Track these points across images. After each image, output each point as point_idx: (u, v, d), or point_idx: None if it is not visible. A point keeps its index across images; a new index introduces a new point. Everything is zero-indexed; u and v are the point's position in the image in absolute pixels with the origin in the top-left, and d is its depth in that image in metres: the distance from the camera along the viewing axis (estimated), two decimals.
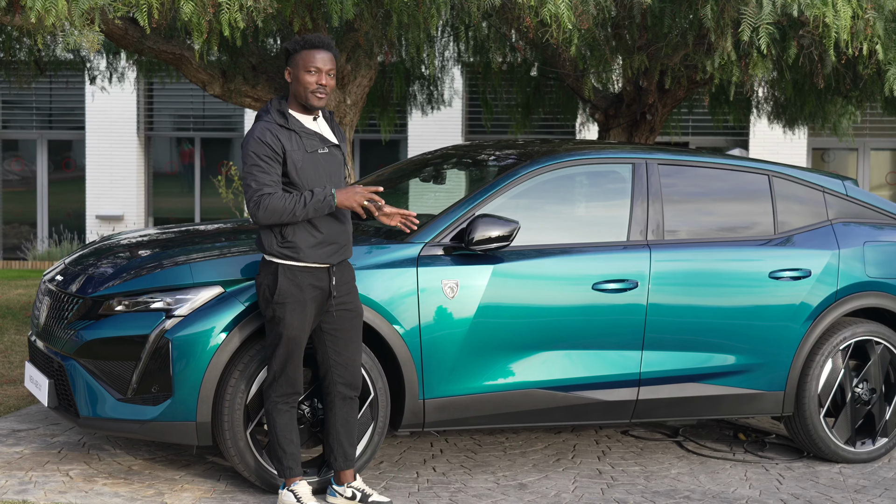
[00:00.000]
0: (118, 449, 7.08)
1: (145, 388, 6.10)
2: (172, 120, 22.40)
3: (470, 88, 20.93)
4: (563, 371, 6.74)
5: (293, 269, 5.86)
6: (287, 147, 5.83)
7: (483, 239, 6.41)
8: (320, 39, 5.91)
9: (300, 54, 5.90)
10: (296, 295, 5.86)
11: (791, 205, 7.46)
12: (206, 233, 7.37)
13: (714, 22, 8.90)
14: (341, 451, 6.15)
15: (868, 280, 7.41)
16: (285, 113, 5.93)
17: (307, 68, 5.88)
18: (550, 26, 7.23)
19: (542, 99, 15.57)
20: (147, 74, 14.94)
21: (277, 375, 5.95)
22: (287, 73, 5.94)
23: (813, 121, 14.90)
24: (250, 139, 5.84)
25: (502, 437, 7.80)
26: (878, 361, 7.44)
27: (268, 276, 5.90)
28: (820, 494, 6.74)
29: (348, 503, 6.16)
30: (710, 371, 7.05)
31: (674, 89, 12.09)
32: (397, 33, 10.23)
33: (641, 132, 13.41)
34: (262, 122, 5.90)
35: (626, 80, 12.65)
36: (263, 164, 5.78)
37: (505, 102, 16.21)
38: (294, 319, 5.87)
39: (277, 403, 5.97)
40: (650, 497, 6.57)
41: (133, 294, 6.20)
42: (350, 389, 6.11)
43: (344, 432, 6.14)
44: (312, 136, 5.95)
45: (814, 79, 10.27)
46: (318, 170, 5.92)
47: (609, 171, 7.16)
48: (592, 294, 6.76)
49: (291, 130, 5.89)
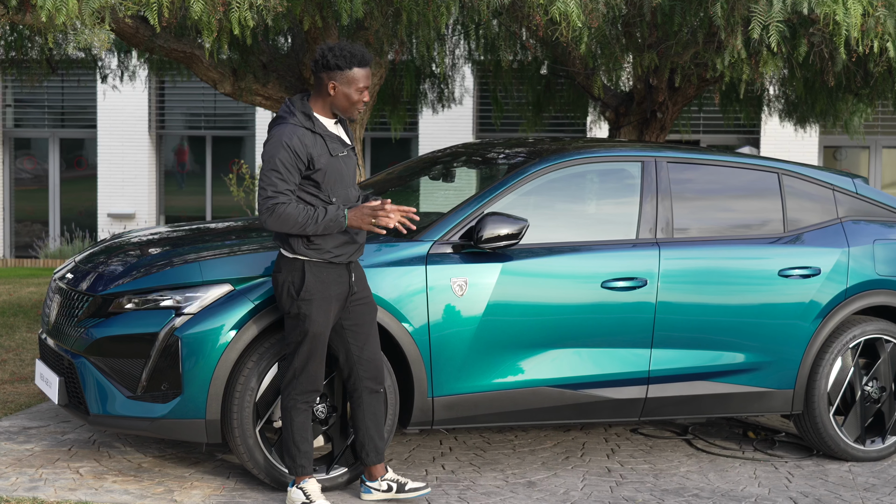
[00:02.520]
0: (128, 446, 7.10)
1: (155, 386, 6.12)
2: (184, 118, 22.43)
3: (481, 87, 20.93)
4: (572, 369, 6.74)
5: (319, 266, 5.89)
6: (313, 153, 5.82)
7: (492, 237, 6.42)
8: (367, 56, 5.90)
9: (352, 72, 5.87)
10: (322, 291, 5.89)
11: (801, 203, 7.45)
12: (216, 231, 7.38)
13: (724, 20, 8.89)
14: (372, 445, 6.20)
15: (878, 278, 7.40)
16: (310, 115, 5.92)
17: (357, 87, 5.91)
18: (560, 24, 7.22)
19: (553, 97, 15.57)
20: (158, 73, 14.98)
21: (298, 373, 5.96)
22: (331, 86, 5.88)
23: (824, 119, 14.88)
24: (276, 142, 5.79)
25: (511, 435, 7.80)
26: (888, 360, 7.43)
27: (292, 273, 5.90)
28: (829, 493, 6.73)
29: (386, 496, 6.21)
30: (719, 369, 7.04)
31: (684, 87, 12.08)
32: (407, 31, 10.24)
33: (652, 130, 13.41)
34: (288, 126, 5.84)
35: (637, 78, 12.66)
36: (283, 171, 5.76)
37: (515, 101, 16.23)
38: (319, 315, 5.90)
39: (297, 402, 5.98)
40: (659, 495, 6.58)
41: (143, 292, 6.22)
42: (376, 383, 6.14)
43: (373, 426, 6.19)
44: (335, 139, 5.97)
45: (824, 76, 10.27)
46: (342, 173, 5.94)
47: (618, 170, 7.16)
48: (601, 292, 6.77)
49: (317, 134, 5.89)
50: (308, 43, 10.81)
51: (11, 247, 22.30)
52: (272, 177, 5.76)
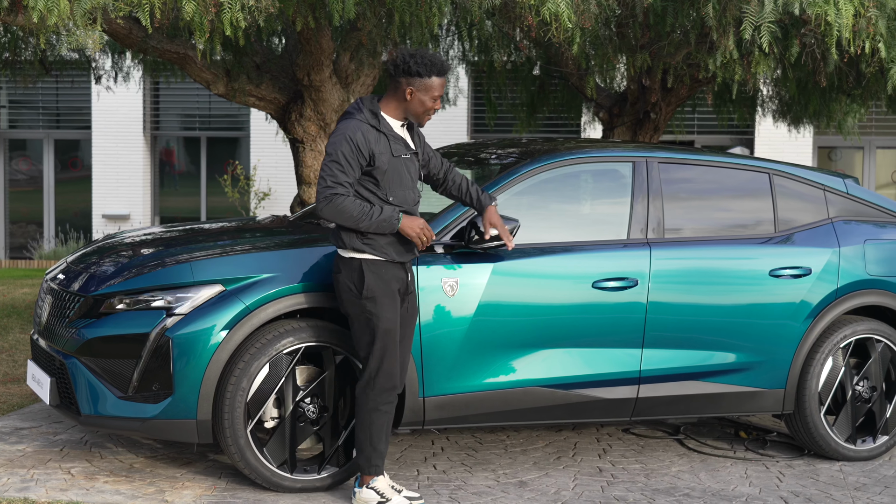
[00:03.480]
0: (120, 447, 7.10)
1: (146, 386, 6.13)
2: (179, 119, 22.43)
3: (475, 87, 20.94)
4: (564, 369, 6.75)
5: (377, 264, 5.96)
6: (375, 150, 5.91)
7: (482, 238, 6.43)
8: (446, 66, 6.01)
9: (431, 80, 5.97)
10: (383, 288, 5.96)
11: (792, 203, 7.47)
12: (209, 231, 7.40)
13: (716, 20, 8.91)
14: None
15: (869, 278, 7.42)
16: (378, 114, 6.01)
17: (433, 95, 6.00)
18: (551, 25, 7.23)
19: (547, 98, 15.59)
20: (153, 74, 14.99)
21: (374, 373, 5.99)
22: (409, 91, 5.96)
23: (818, 119, 14.89)
24: (340, 135, 5.91)
25: (503, 435, 7.81)
26: (879, 359, 7.44)
27: (352, 273, 5.97)
28: (820, 492, 6.75)
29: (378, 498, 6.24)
30: (710, 369, 7.06)
31: (677, 88, 12.09)
32: (400, 32, 10.25)
33: (645, 131, 13.42)
34: (354, 121, 5.96)
35: (630, 79, 12.67)
36: (344, 164, 5.86)
37: (509, 101, 16.24)
38: (386, 311, 5.96)
39: (379, 404, 6.03)
40: (650, 495, 6.59)
41: (134, 292, 6.23)
42: (401, 385, 6.18)
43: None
44: (399, 140, 6.05)
45: (816, 77, 10.27)
46: (402, 173, 6.02)
47: (610, 170, 7.17)
48: (592, 292, 6.78)
49: (381, 133, 5.97)
50: (301, 44, 10.82)
51: (6, 248, 22.29)
52: (333, 168, 5.87)
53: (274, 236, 6.97)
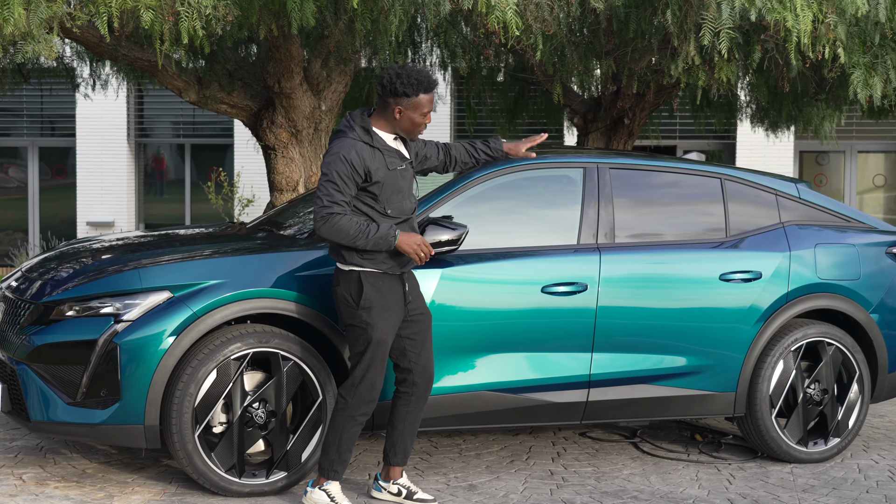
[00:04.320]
0: (75, 453, 7.16)
1: (94, 392, 6.19)
2: (163, 127, 22.48)
3: (458, 93, 21.01)
4: (513, 373, 6.81)
5: (374, 275, 6.07)
6: (371, 166, 6.01)
7: (432, 243, 6.48)
8: (433, 82, 6.11)
9: (418, 98, 6.07)
10: (380, 299, 6.06)
11: (743, 208, 7.53)
12: (178, 237, 7.47)
13: (676, 27, 8.97)
14: (402, 447, 6.39)
15: (819, 282, 7.48)
16: (370, 130, 6.11)
17: (422, 111, 6.12)
18: (500, 33, 7.30)
19: (526, 104, 15.66)
20: (133, 81, 15.02)
21: (358, 381, 6.09)
22: (398, 111, 6.07)
23: (795, 124, 14.94)
24: (335, 155, 6.00)
25: (459, 440, 7.88)
26: (830, 362, 7.51)
27: (350, 284, 6.08)
28: (768, 494, 6.81)
29: (394, 499, 6.38)
30: (660, 373, 7.12)
31: (647, 94, 12.16)
32: (365, 40, 10.32)
33: (619, 136, 13.49)
34: (347, 140, 6.05)
35: (604, 84, 12.74)
36: (340, 183, 5.95)
37: (489, 107, 16.31)
38: (381, 322, 6.05)
39: (356, 415, 6.13)
40: (598, 497, 6.65)
41: (83, 299, 6.29)
42: (427, 390, 6.33)
43: (410, 431, 6.37)
44: (393, 153, 6.16)
45: (780, 82, 10.34)
46: (399, 186, 6.13)
47: (561, 176, 7.23)
48: (541, 297, 6.84)
49: (375, 148, 6.08)
50: (271, 51, 10.88)
51: None
52: (329, 188, 5.96)
53: (225, 243, 7.02)
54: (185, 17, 7.70)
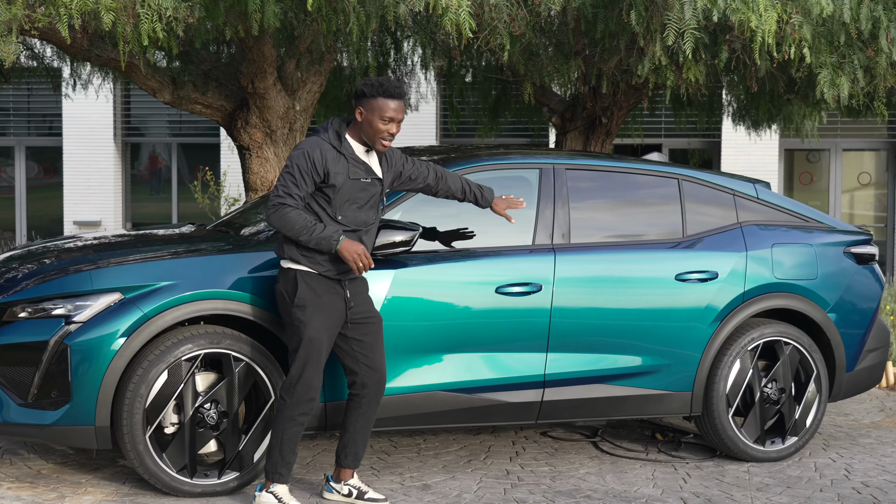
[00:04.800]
0: (32, 454, 7.20)
1: (45, 393, 6.22)
2: (150, 126, 22.51)
3: (443, 92, 21.02)
4: (467, 373, 6.84)
5: (310, 276, 6.12)
6: (331, 169, 6.09)
7: (384, 244, 6.52)
8: (398, 89, 6.14)
9: (377, 101, 6.11)
10: (314, 299, 6.11)
11: (701, 208, 7.56)
12: (142, 239, 7.47)
13: (642, 27, 8.99)
14: (353, 449, 6.42)
15: (776, 281, 7.51)
16: (342, 137, 6.18)
17: (382, 117, 6.13)
18: (452, 34, 7.33)
19: (509, 103, 15.67)
20: (115, 81, 15.03)
21: (295, 380, 6.12)
22: (358, 112, 6.14)
23: (775, 122, 14.94)
24: (300, 150, 6.11)
25: (419, 439, 7.90)
26: (787, 361, 7.53)
27: (287, 282, 6.15)
28: (722, 493, 6.84)
29: (345, 500, 6.42)
30: (616, 372, 7.15)
31: (621, 93, 12.17)
32: (336, 41, 10.34)
33: (598, 136, 13.50)
34: (316, 138, 6.17)
35: (579, 84, 12.75)
36: (298, 177, 6.05)
37: (472, 106, 16.33)
38: (313, 320, 6.09)
39: (295, 415, 6.15)
40: (551, 497, 6.68)
41: (35, 300, 6.32)
42: (379, 392, 6.35)
43: (361, 433, 6.40)
44: (359, 164, 6.21)
45: (749, 82, 10.36)
46: (355, 195, 6.17)
47: (516, 177, 7.26)
48: (496, 298, 6.86)
49: (342, 154, 6.14)
50: (244, 52, 10.90)
51: None
52: (287, 179, 6.08)
53: (180, 244, 7.04)
54: (144, 19, 7.73)
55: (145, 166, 22.71)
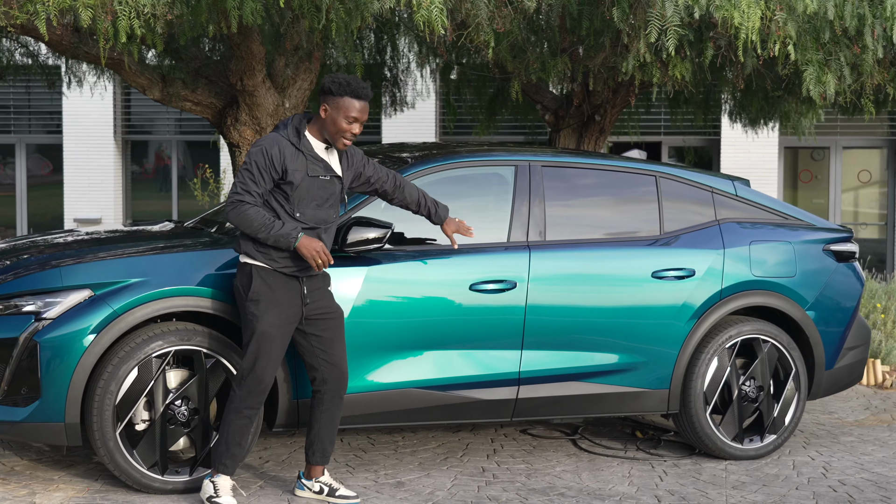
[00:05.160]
0: (8, 451, 7.20)
1: (15, 390, 6.23)
2: (150, 123, 22.54)
3: (442, 90, 21.01)
4: (441, 370, 6.83)
5: (266, 271, 6.13)
6: (289, 166, 6.09)
7: (356, 241, 6.52)
8: (364, 90, 6.13)
9: (344, 100, 6.12)
10: (268, 294, 6.12)
11: (678, 205, 7.54)
12: (119, 236, 7.47)
13: (626, 24, 8.97)
14: (321, 446, 6.41)
15: (753, 279, 7.48)
16: (301, 133, 6.18)
17: (347, 116, 6.14)
18: (424, 31, 7.32)
19: (506, 100, 15.65)
20: (109, 78, 15.04)
21: (246, 373, 6.13)
22: (323, 109, 6.16)
23: (770, 119, 14.89)
24: (259, 147, 6.12)
25: (398, 436, 7.90)
26: (766, 359, 7.51)
27: (243, 277, 6.17)
28: (697, 491, 6.82)
29: (315, 496, 6.43)
30: (592, 370, 7.14)
31: (608, 91, 12.15)
32: (320, 37, 10.31)
33: (591, 133, 13.47)
34: (276, 134, 6.19)
35: (569, 82, 12.73)
36: (256, 174, 6.06)
37: (469, 104, 16.33)
38: (266, 314, 6.10)
39: (243, 408, 6.15)
40: (524, 494, 6.66)
41: (6, 297, 6.32)
42: (341, 387, 6.35)
43: (327, 429, 6.39)
44: (318, 162, 6.20)
45: (735, 80, 10.34)
46: (313, 193, 6.17)
47: (491, 174, 7.25)
48: (470, 295, 6.85)
49: (300, 151, 6.14)
50: (232, 49, 10.90)
51: None
52: (245, 176, 6.09)
53: (153, 241, 7.03)
54: (122, 16, 7.72)
55: (150, 164, 22.74)
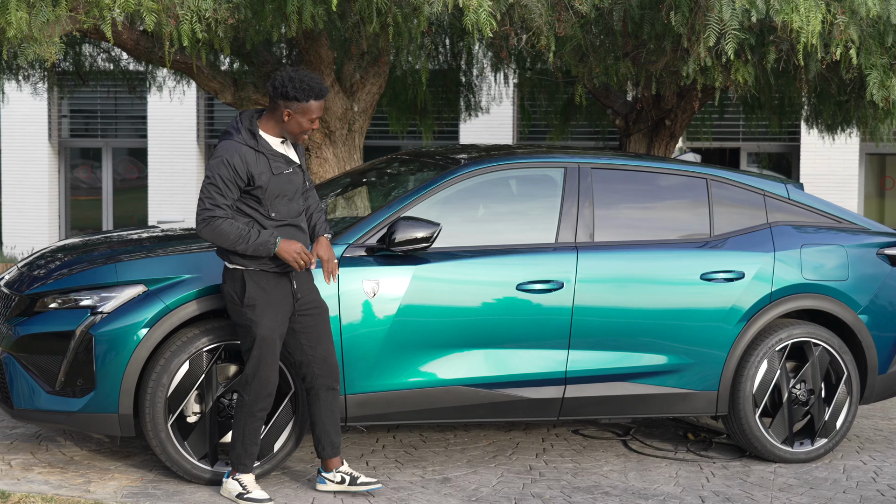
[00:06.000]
0: (69, 441, 7.42)
1: (72, 382, 6.44)
2: None
3: (518, 94, 21.08)
4: (487, 369, 6.92)
5: (257, 274, 6.22)
6: (254, 171, 6.15)
7: (404, 240, 6.64)
8: (323, 90, 6.21)
9: (308, 104, 6.17)
10: (263, 297, 6.21)
11: (729, 208, 7.57)
12: (161, 235, 7.67)
13: (687, 28, 9.00)
14: (328, 440, 6.52)
15: (805, 282, 7.48)
16: (256, 134, 6.24)
17: (311, 118, 6.24)
18: (473, 34, 7.42)
19: (581, 105, 15.69)
20: (186, 82, 15.34)
21: (251, 378, 6.26)
22: (286, 113, 6.17)
23: (849, 125, 14.76)
24: (218, 159, 6.14)
25: (450, 434, 8.00)
26: (817, 363, 7.50)
27: (234, 283, 6.25)
28: (742, 492, 6.84)
29: (338, 487, 6.54)
30: (639, 370, 7.18)
31: (671, 95, 12.15)
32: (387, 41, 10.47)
33: (661, 138, 13.48)
34: (232, 142, 6.18)
35: (636, 85, 12.75)
36: (222, 186, 6.11)
37: (543, 109, 16.41)
38: (265, 319, 6.20)
39: (254, 411, 6.30)
40: (568, 492, 6.73)
41: (64, 291, 6.55)
42: (332, 380, 6.45)
43: (330, 422, 6.49)
44: (279, 157, 6.28)
45: (798, 84, 10.30)
46: (283, 190, 6.26)
47: (541, 176, 7.34)
48: (516, 294, 6.94)
49: (260, 152, 6.21)
50: (301, 54, 11.11)
51: None
52: (211, 191, 6.12)
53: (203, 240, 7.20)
54: (184, 20, 7.93)
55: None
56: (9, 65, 13.61)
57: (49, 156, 22.77)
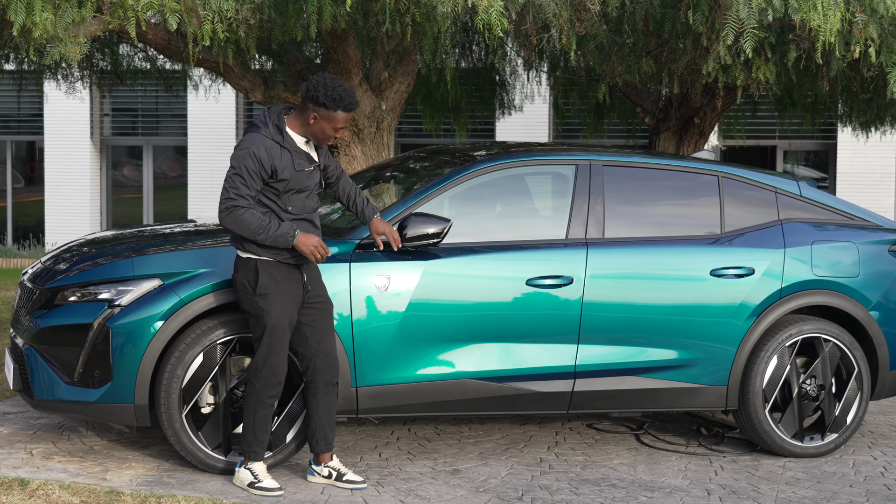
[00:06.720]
0: (90, 431, 7.61)
1: (89, 373, 6.62)
2: None
3: (552, 93, 21.15)
4: (497, 362, 7.04)
5: (270, 264, 6.39)
6: (278, 165, 6.33)
7: (415, 236, 6.77)
8: (353, 103, 6.36)
9: (335, 113, 6.35)
10: (275, 287, 6.38)
11: (740, 205, 7.64)
12: (178, 231, 7.83)
13: (707, 27, 9.08)
14: (322, 434, 6.65)
15: (815, 279, 7.54)
16: (283, 130, 6.42)
17: (335, 126, 6.41)
18: (483, 33, 7.52)
19: (614, 104, 15.76)
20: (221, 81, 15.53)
21: (261, 366, 6.42)
22: (313, 117, 6.36)
23: (883, 123, 14.74)
24: (245, 151, 6.32)
25: (464, 427, 8.12)
26: (827, 358, 7.56)
27: (247, 272, 6.41)
28: (749, 486, 6.92)
29: (325, 481, 6.67)
30: (648, 365, 7.28)
31: (696, 93, 12.21)
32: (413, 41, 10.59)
33: (690, 136, 13.55)
34: (259, 135, 6.37)
35: (659, 83, 12.81)
36: (247, 177, 6.29)
37: (576, 108, 16.50)
38: (276, 308, 6.37)
39: (263, 397, 6.46)
40: (576, 484, 6.84)
41: (83, 285, 6.73)
42: (332, 376, 6.59)
43: (325, 417, 6.63)
44: (302, 155, 6.47)
45: (819, 81, 10.34)
46: (302, 184, 6.44)
47: (552, 172, 7.45)
48: (526, 289, 7.05)
49: (285, 148, 6.39)
50: (329, 52, 11.25)
51: None
52: (236, 181, 6.30)
53: (219, 235, 7.35)
54: (205, 20, 8.09)
55: None
56: (49, 66, 13.87)
57: (91, 154, 23.10)
